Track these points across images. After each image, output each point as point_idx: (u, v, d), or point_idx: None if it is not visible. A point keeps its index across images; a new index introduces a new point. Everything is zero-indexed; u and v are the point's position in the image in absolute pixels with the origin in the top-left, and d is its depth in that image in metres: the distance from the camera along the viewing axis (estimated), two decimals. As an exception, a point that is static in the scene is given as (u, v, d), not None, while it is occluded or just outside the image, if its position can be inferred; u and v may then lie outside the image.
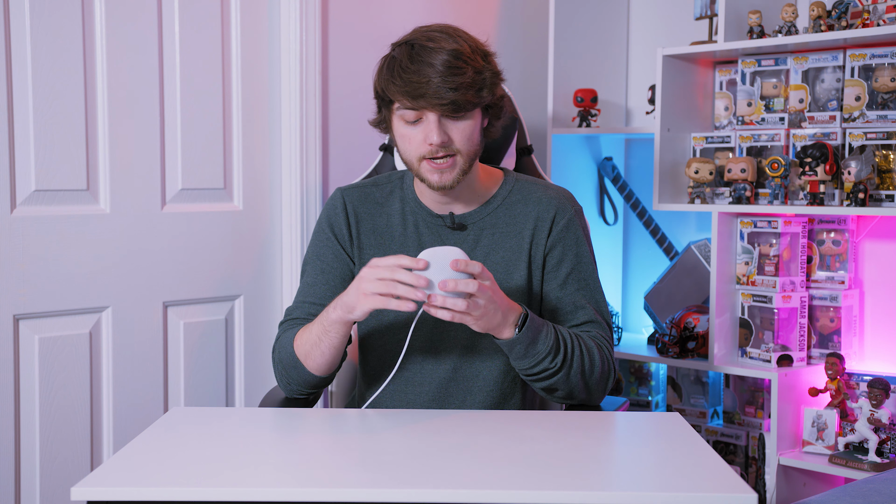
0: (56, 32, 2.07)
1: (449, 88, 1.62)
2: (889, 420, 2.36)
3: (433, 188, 1.71)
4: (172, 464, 1.35)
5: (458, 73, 1.63)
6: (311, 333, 1.70)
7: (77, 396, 2.14)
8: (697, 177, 2.66)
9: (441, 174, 1.69)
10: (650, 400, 3.02)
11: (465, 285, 1.52)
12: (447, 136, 1.66)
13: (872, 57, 2.42)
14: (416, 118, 1.67)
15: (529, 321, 1.63)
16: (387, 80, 1.67)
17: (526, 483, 1.28)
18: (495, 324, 1.60)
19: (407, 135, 1.69)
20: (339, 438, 1.52)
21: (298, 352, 1.71)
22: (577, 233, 1.81)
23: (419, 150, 1.68)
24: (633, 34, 3.11)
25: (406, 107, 1.66)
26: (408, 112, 1.67)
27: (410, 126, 1.68)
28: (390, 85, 1.66)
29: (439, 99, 1.62)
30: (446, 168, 1.69)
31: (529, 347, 1.64)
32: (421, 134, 1.67)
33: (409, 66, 1.63)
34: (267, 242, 2.48)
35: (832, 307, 2.55)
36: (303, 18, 2.44)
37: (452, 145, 1.67)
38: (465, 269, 1.52)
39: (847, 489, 1.50)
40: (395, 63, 1.66)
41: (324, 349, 1.68)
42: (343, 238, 1.82)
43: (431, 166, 1.68)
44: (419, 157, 1.69)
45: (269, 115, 2.47)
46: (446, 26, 1.70)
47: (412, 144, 1.69)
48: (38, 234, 2.06)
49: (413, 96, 1.63)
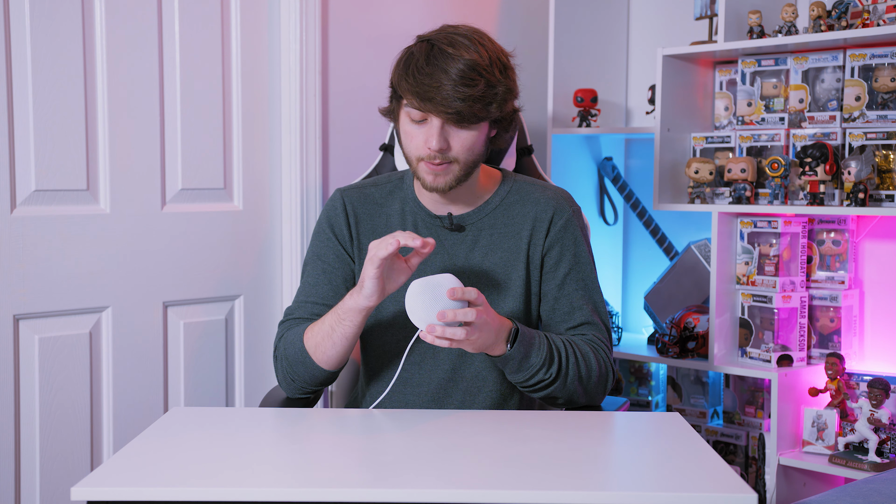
0: (56, 32, 2.07)
1: (457, 98, 1.62)
2: (889, 420, 2.36)
3: (426, 189, 1.73)
4: (172, 464, 1.35)
5: (469, 85, 1.63)
6: (322, 325, 1.71)
7: (77, 396, 2.14)
8: (697, 177, 2.66)
9: (435, 177, 1.70)
10: (650, 400, 3.02)
11: (464, 315, 1.52)
12: (447, 143, 1.67)
13: (872, 57, 2.42)
14: (421, 118, 1.68)
15: (520, 336, 1.63)
16: (400, 76, 1.68)
17: (526, 483, 1.28)
18: (489, 344, 1.60)
19: (411, 132, 1.70)
20: (339, 438, 1.52)
21: (308, 344, 1.72)
22: (575, 233, 1.82)
23: (419, 150, 1.69)
24: (633, 34, 3.11)
25: (413, 106, 1.67)
26: (414, 111, 1.68)
27: (415, 124, 1.69)
28: (402, 81, 1.67)
29: (445, 107, 1.63)
30: (440, 172, 1.69)
31: (523, 362, 1.65)
32: (423, 135, 1.68)
33: (424, 67, 1.64)
34: (267, 242, 2.48)
35: (832, 307, 2.55)
36: (303, 18, 2.44)
37: (450, 153, 1.68)
38: (462, 298, 1.53)
39: (847, 489, 1.50)
40: (411, 60, 1.67)
41: (336, 339, 1.69)
42: (343, 238, 1.82)
43: (428, 168, 1.70)
44: (418, 157, 1.70)
45: (269, 115, 2.47)
46: (473, 31, 1.70)
47: (414, 143, 1.70)
48: (38, 234, 2.06)
49: (422, 98, 1.64)
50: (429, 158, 1.68)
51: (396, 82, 1.70)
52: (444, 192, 1.72)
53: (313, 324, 1.74)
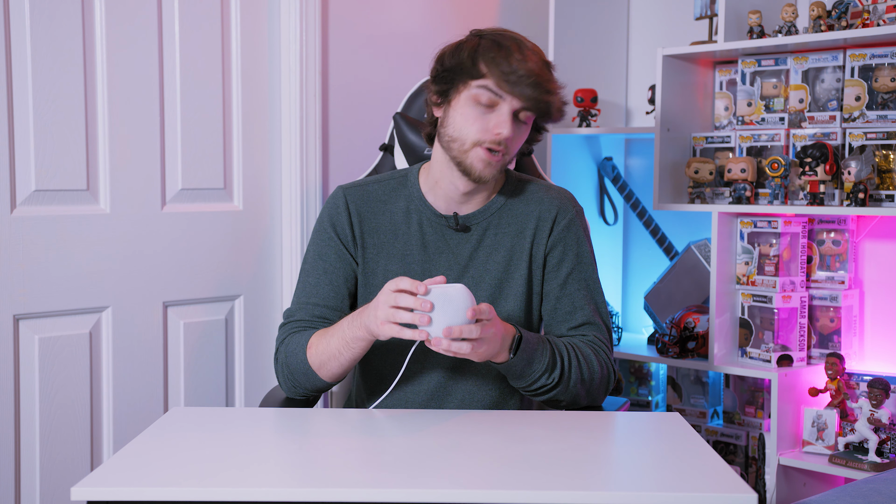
0: (56, 32, 2.07)
1: (545, 90, 1.65)
2: (889, 420, 2.36)
3: (471, 176, 1.70)
4: (172, 464, 1.35)
5: (551, 81, 1.68)
6: (329, 346, 1.68)
7: (77, 396, 2.14)
8: (697, 177, 2.66)
9: (487, 165, 1.69)
10: (650, 400, 3.02)
11: (470, 332, 1.51)
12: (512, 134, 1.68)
13: (872, 57, 2.42)
14: (490, 103, 1.66)
15: (523, 344, 1.63)
16: (491, 58, 1.66)
17: (526, 483, 1.28)
18: (493, 353, 1.60)
19: (472, 116, 1.68)
20: (339, 438, 1.52)
21: (313, 361, 1.71)
22: (578, 233, 1.82)
23: (480, 135, 1.67)
24: (633, 34, 3.11)
25: (495, 90, 1.65)
26: (486, 95, 1.66)
27: (480, 108, 1.67)
28: (493, 64, 1.65)
29: (537, 96, 1.65)
30: (495, 162, 1.69)
31: (525, 369, 1.65)
32: (489, 121, 1.67)
33: (517, 53, 1.65)
34: (267, 242, 2.48)
35: (832, 307, 2.55)
36: (303, 18, 2.44)
37: (509, 145, 1.69)
38: (476, 317, 1.51)
39: (847, 489, 1.50)
40: (501, 46, 1.67)
41: (343, 361, 1.69)
42: (346, 238, 1.81)
43: (485, 154, 1.68)
44: (475, 142, 1.68)
45: (269, 115, 2.47)
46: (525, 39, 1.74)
47: (474, 126, 1.68)
48: (38, 234, 2.06)
49: (512, 83, 1.64)
50: (492, 143, 1.67)
51: (480, 63, 1.66)
52: (485, 183, 1.73)
53: (317, 339, 1.71)
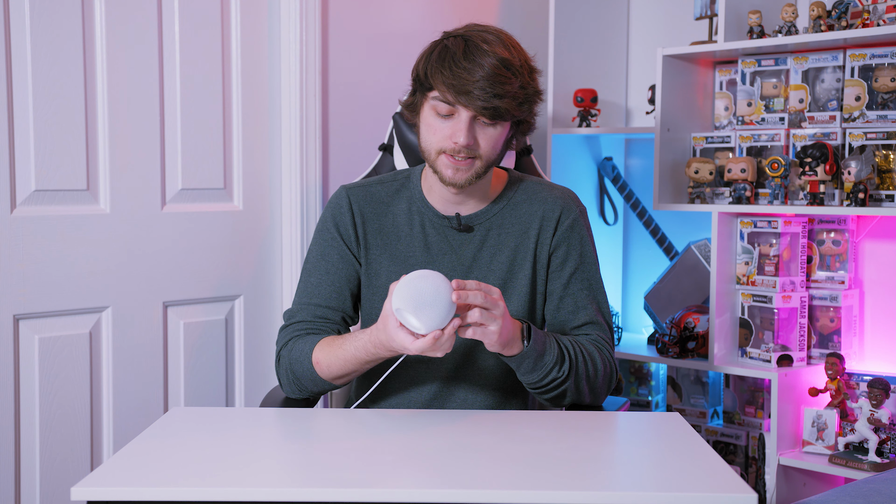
0: (56, 32, 2.07)
1: (494, 94, 1.62)
2: (889, 420, 2.36)
3: (444, 183, 1.71)
4: (172, 464, 1.35)
5: (505, 82, 1.63)
6: (336, 357, 1.68)
7: (77, 396, 2.14)
8: (697, 177, 2.66)
9: (456, 171, 1.69)
10: (650, 400, 3.02)
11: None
12: (474, 139, 1.67)
13: (872, 57, 2.42)
14: (448, 112, 1.66)
15: (534, 333, 1.63)
16: (435, 68, 1.65)
17: (526, 483, 1.28)
18: (509, 338, 1.59)
19: (434, 126, 1.69)
20: (339, 438, 1.52)
21: (321, 370, 1.70)
22: (581, 233, 1.82)
23: (442, 143, 1.68)
24: (633, 34, 3.11)
25: (446, 100, 1.65)
26: (442, 105, 1.66)
27: (440, 118, 1.68)
28: (437, 74, 1.65)
29: (483, 102, 1.62)
30: (463, 167, 1.68)
31: (538, 360, 1.65)
32: (449, 129, 1.67)
33: (462, 61, 1.63)
34: (267, 242, 2.48)
35: (832, 307, 2.55)
36: (303, 18, 2.44)
37: (477, 149, 1.68)
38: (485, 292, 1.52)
39: (847, 489, 1.50)
40: (447, 53, 1.65)
41: (354, 373, 1.70)
42: (349, 239, 1.80)
43: (449, 161, 1.68)
44: (439, 150, 1.69)
45: (269, 115, 2.47)
46: (501, 31, 1.70)
47: (436, 136, 1.68)
48: (38, 234, 2.06)
49: (457, 91, 1.63)
50: (452, 152, 1.67)
51: (429, 74, 1.66)
52: (461, 188, 1.71)
53: (324, 347, 1.70)
